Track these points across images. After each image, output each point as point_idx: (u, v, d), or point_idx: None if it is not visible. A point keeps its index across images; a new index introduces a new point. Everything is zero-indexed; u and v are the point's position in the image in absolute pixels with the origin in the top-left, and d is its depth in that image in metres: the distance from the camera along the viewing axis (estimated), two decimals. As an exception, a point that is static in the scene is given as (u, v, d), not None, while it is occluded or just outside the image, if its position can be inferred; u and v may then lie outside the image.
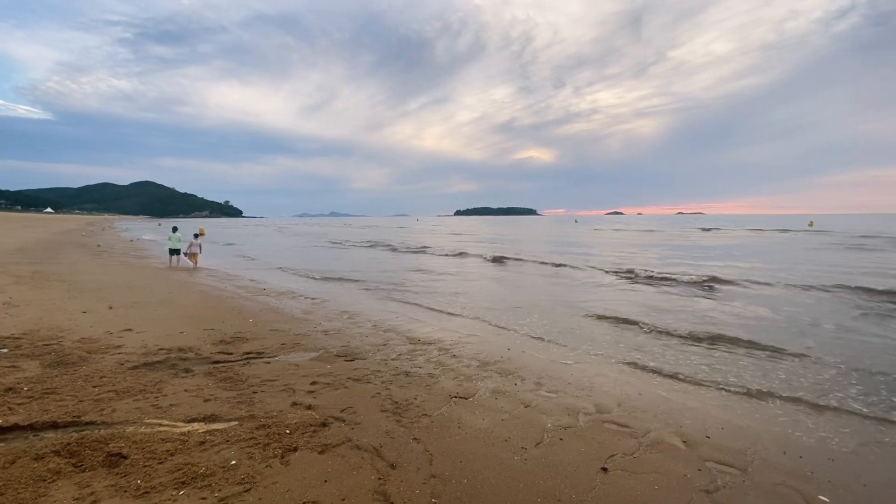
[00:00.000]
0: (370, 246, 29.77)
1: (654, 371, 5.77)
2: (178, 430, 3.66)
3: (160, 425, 3.75)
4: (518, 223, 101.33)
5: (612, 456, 3.59)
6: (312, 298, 10.36)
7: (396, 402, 4.49)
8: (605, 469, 3.39)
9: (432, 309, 9.54)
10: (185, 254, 16.79)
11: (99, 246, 26.48)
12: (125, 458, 3.19)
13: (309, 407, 4.29)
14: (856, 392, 5.05)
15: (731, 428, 4.15)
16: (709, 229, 52.07)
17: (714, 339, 7.18)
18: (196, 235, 17.09)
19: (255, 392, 4.61)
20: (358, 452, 3.49)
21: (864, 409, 4.61)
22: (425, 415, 4.26)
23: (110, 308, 8.34)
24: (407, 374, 5.39)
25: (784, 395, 4.96)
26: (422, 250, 25.57)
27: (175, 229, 17.25)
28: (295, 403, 4.37)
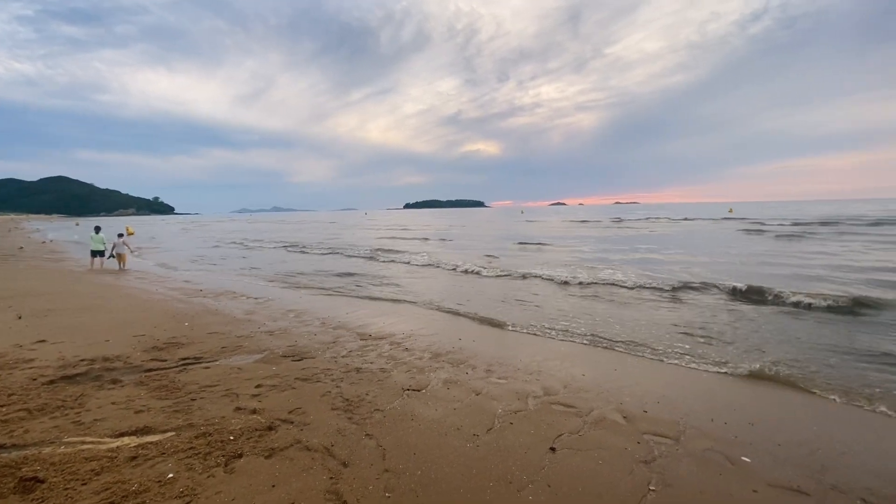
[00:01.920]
0: (285, 248, 24.94)
1: (598, 350, 6.07)
2: (104, 447, 3.36)
3: (83, 443, 3.42)
4: (467, 215, 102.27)
5: (560, 436, 3.75)
6: (256, 298, 9.88)
7: (348, 400, 4.41)
8: (553, 449, 3.53)
9: (385, 300, 9.44)
10: (112, 255, 15.40)
11: (21, 248, 23.69)
12: (42, 482, 2.88)
13: (254, 411, 4.10)
14: (769, 363, 5.61)
15: (666, 401, 4.47)
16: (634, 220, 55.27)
17: (648, 321, 7.68)
18: (120, 235, 15.70)
19: (193, 399, 4.33)
20: (308, 453, 3.39)
21: (777, 378, 5.14)
22: (378, 410, 4.21)
23: (19, 318, 7.48)
24: (358, 370, 5.30)
25: (712, 369, 5.40)
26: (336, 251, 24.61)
27: (98, 229, 15.73)
28: (238, 408, 4.16)
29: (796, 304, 8.04)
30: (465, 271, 13.55)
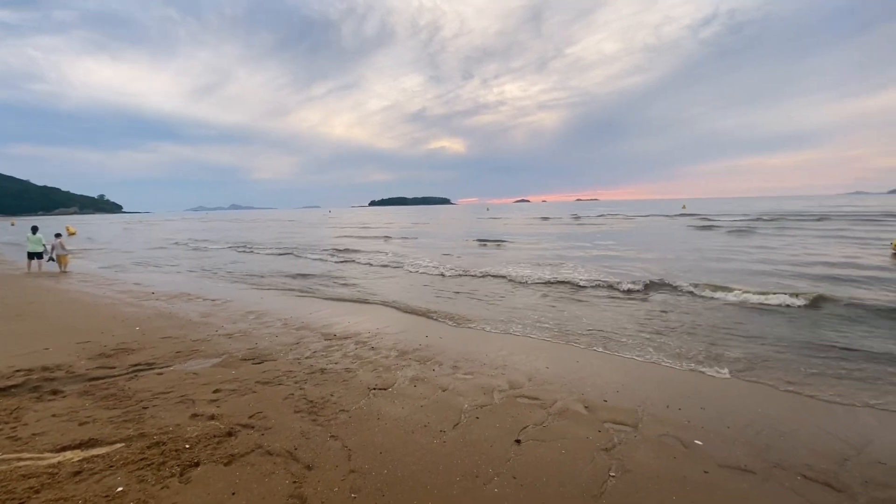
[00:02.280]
0: (235, 249, 23.06)
1: (560, 344, 6.23)
2: (44, 463, 3.13)
3: (20, 460, 3.17)
4: (433, 213, 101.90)
5: (525, 428, 3.82)
6: (213, 300, 9.47)
7: (311, 402, 4.31)
8: (518, 441, 3.59)
9: (349, 300, 9.28)
10: (51, 258, 14.32)
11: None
12: (-29, 504, 2.65)
13: (212, 417, 3.94)
14: (716, 354, 5.94)
15: (625, 391, 4.65)
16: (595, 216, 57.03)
17: (607, 316, 7.96)
18: (58, 235, 14.62)
19: (145, 408, 4.10)
20: (270, 458, 3.29)
21: (724, 368, 5.46)
22: (343, 410, 4.14)
23: (-57, 327, 6.84)
24: (323, 371, 5.19)
25: (667, 360, 5.66)
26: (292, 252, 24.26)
27: (35, 229, 14.57)
28: (195, 415, 3.98)
29: (745, 301, 8.54)
30: (427, 271, 13.45)
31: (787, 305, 7.97)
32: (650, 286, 9.96)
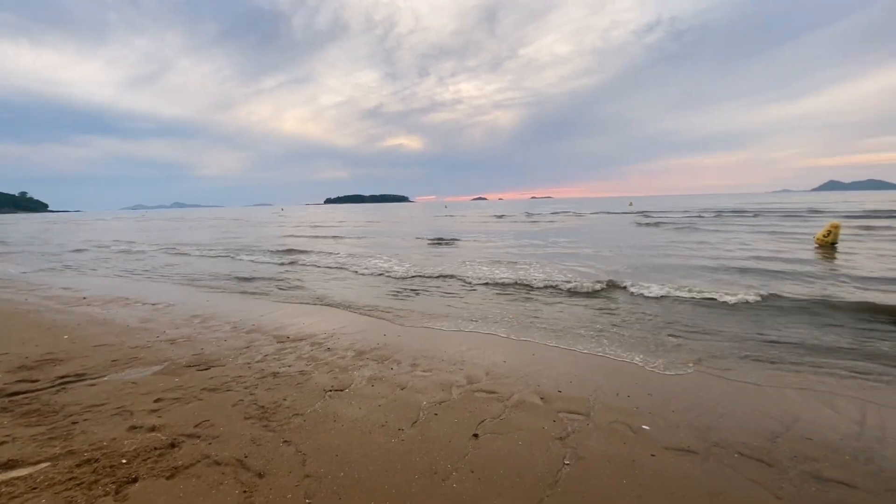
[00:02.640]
0: (166, 251, 22.67)
1: (517, 339, 6.35)
2: (-48, 490, 2.79)
3: (-79, 488, 2.81)
4: (390, 210, 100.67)
5: (482, 422, 3.86)
6: (154, 304, 8.87)
7: (263, 407, 4.13)
8: (476, 435, 3.62)
9: (304, 302, 8.99)
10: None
11: None
12: None
13: (153, 428, 3.68)
14: (662, 346, 6.29)
15: (578, 381, 4.80)
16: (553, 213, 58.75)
17: (560, 312, 8.22)
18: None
19: (74, 423, 3.77)
20: (217, 468, 3.11)
21: (669, 357, 5.78)
22: (297, 414, 4.00)
23: None
24: (275, 374, 4.99)
25: (617, 352, 5.91)
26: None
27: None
28: (133, 427, 3.70)
29: (688, 297, 9.08)
30: (382, 271, 13.18)
31: (724, 302, 8.54)
32: (600, 282, 10.37)
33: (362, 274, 12.85)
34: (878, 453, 3.37)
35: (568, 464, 3.24)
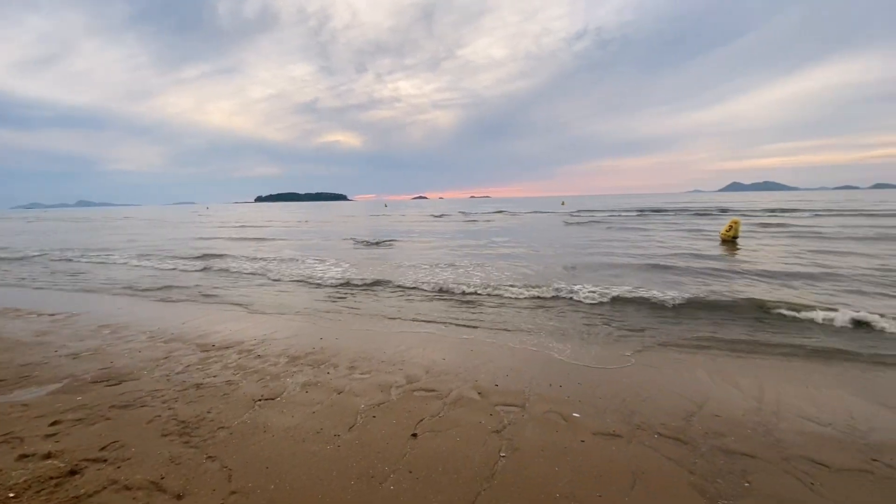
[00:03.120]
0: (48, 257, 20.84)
1: (456, 336, 6.41)
2: None
3: None
4: (326, 209, 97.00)
5: (421, 420, 3.84)
6: (51, 315, 7.86)
7: (183, 422, 3.80)
8: (414, 435, 3.59)
9: (234, 305, 8.42)
10: None
11: None
12: None
13: (48, 455, 3.25)
14: (592, 338, 6.65)
15: (514, 374, 4.94)
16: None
17: (498, 309, 8.43)
18: None
19: (-55, 456, 3.23)
20: (128, 493, 2.82)
21: (598, 348, 6.13)
22: (223, 427, 3.73)
23: None
24: (198, 386, 4.63)
25: (550, 342, 6.16)
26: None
27: None
28: (24, 456, 3.25)
29: (617, 294, 9.70)
30: (309, 277, 12.69)
31: (646, 299, 9.21)
32: (537, 287, 10.79)
33: (288, 280, 12.18)
34: (774, 426, 3.80)
35: (504, 456, 3.31)
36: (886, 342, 5.96)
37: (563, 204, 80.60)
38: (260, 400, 4.27)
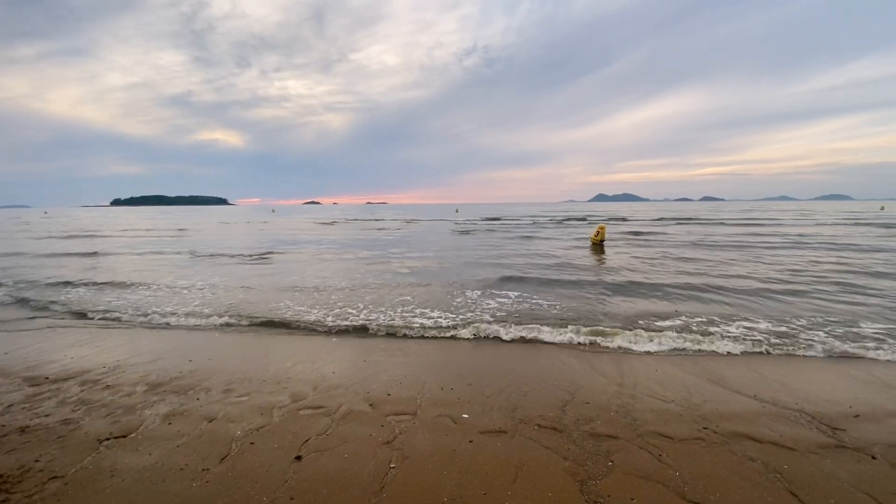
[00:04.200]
0: None
1: (347, 346, 6.19)
2: None
3: None
4: (199, 214, 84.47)
5: (307, 441, 3.61)
6: None
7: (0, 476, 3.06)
8: (298, 457, 3.36)
9: (74, 325, 7.04)
10: None
11: None
12: None
13: None
14: (481, 337, 6.95)
15: (407, 381, 4.92)
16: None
17: (389, 305, 8.39)
18: None
19: None
20: None
21: (484, 345, 6.42)
22: (55, 478, 3.09)
23: None
24: (23, 430, 3.78)
25: (441, 344, 6.28)
26: None
27: None
28: None
29: (508, 301, 10.27)
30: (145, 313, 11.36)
31: (536, 302, 9.97)
32: (421, 285, 10.95)
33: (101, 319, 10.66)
34: (632, 407, 4.32)
35: (394, 466, 3.26)
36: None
37: (457, 211, 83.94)
38: (107, 439, 3.62)
